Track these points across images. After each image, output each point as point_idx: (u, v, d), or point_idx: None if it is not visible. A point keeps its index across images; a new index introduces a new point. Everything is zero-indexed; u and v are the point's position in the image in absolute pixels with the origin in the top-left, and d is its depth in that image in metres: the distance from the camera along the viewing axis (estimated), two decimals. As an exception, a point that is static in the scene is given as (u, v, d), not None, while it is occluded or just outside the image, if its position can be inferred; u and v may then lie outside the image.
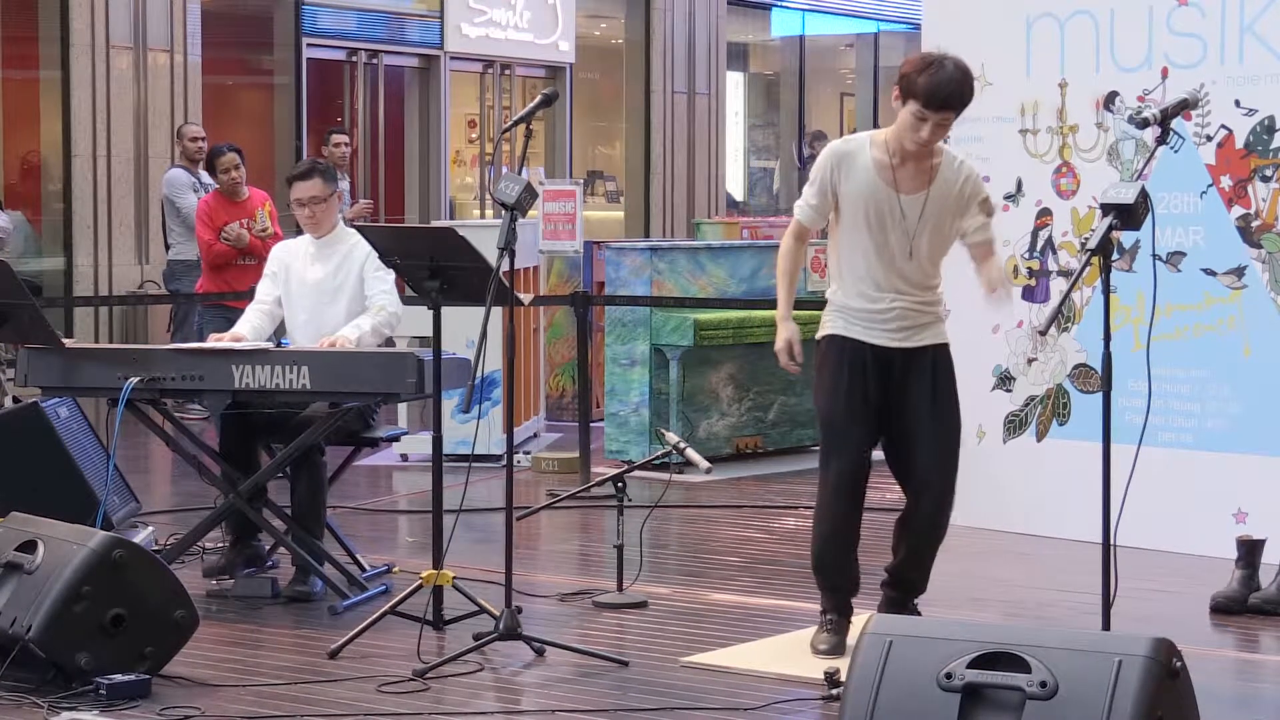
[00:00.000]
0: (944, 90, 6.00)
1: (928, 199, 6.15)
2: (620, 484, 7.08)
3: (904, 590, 6.34)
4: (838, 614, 6.30)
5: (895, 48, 23.44)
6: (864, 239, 6.17)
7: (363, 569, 7.43)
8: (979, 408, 8.58)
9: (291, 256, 7.63)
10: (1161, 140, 5.58)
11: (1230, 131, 7.88)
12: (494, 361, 9.89)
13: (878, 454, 6.28)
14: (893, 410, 6.21)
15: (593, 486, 7.55)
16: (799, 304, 6.42)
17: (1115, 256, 7.41)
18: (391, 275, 7.42)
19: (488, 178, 18.22)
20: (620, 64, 20.20)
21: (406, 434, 9.49)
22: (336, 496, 8.19)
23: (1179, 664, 4.23)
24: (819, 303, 6.44)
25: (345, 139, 13.61)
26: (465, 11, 17.57)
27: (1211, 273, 7.94)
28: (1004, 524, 8.52)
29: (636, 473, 7.74)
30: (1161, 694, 4.14)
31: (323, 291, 7.48)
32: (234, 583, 7.22)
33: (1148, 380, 5.75)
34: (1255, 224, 7.83)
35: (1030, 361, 8.51)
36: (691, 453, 7.24)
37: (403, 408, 10.57)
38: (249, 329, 7.50)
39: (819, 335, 6.28)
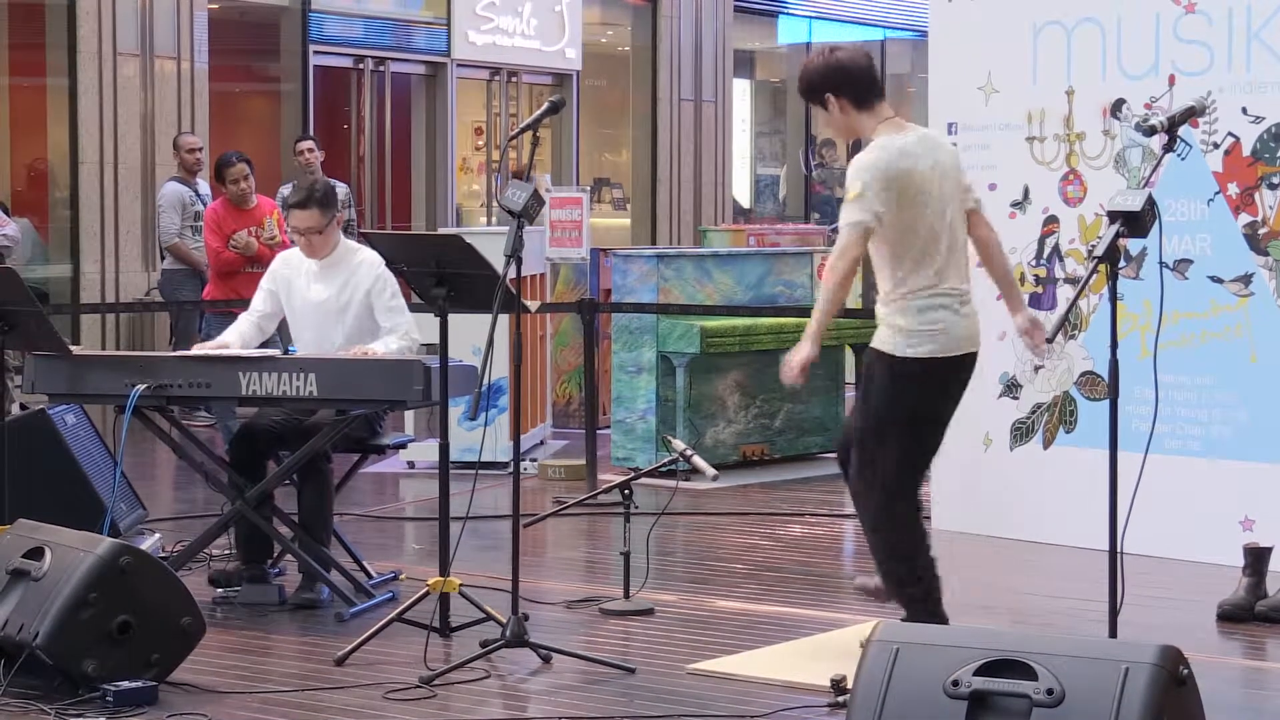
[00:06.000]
0: None
1: None
2: (627, 491, 7.08)
3: None
4: None
5: (901, 55, 23.44)
6: None
7: (369, 576, 7.44)
8: (986, 415, 8.58)
9: (294, 272, 7.56)
10: (1168, 148, 5.57)
11: (1237, 139, 7.87)
12: (500, 369, 9.89)
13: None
14: None
15: (599, 494, 7.56)
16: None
17: (1122, 264, 7.43)
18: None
19: (494, 185, 18.23)
20: (627, 71, 20.19)
21: (413, 441, 9.47)
22: (343, 504, 8.20)
23: (1186, 672, 4.22)
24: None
25: (310, 144, 13.43)
26: (472, 19, 17.57)
27: (1218, 280, 7.93)
28: (1011, 531, 8.52)
29: (643, 480, 7.73)
30: (1168, 702, 4.13)
31: (326, 312, 7.44)
32: (240, 590, 7.23)
33: (1155, 388, 5.75)
34: (1262, 231, 7.83)
35: (1037, 369, 8.50)
36: (698, 460, 7.23)
37: (409, 415, 10.57)
38: (236, 337, 7.49)
39: None
